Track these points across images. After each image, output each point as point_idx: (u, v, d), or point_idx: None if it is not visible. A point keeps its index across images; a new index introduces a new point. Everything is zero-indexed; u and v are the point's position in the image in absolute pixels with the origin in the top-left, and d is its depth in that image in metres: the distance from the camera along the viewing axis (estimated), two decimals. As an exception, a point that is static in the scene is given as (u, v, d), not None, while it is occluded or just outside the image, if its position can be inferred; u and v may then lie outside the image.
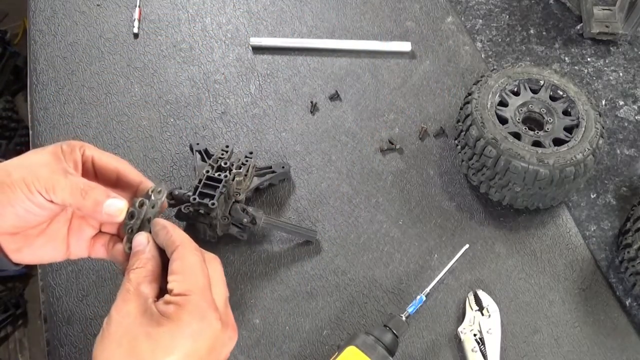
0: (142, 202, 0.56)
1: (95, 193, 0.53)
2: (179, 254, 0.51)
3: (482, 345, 0.71)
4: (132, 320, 0.47)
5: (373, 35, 1.02)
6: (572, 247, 0.81)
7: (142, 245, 0.53)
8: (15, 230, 0.53)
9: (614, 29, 1.00)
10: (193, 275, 0.50)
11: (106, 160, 0.58)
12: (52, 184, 0.51)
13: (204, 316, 0.48)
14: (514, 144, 0.76)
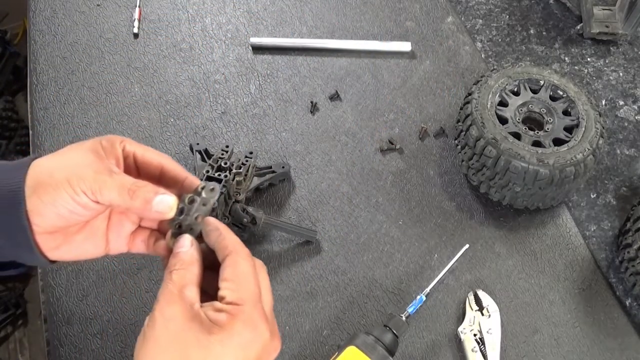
0: (192, 198, 0.54)
1: (144, 191, 0.50)
2: (231, 261, 0.49)
3: (482, 345, 0.72)
4: (180, 324, 0.45)
5: (373, 35, 1.02)
6: (572, 247, 0.81)
7: (185, 248, 0.51)
8: (55, 229, 0.51)
9: (614, 29, 1.00)
10: (246, 284, 0.48)
11: (149, 156, 0.55)
12: (98, 185, 0.49)
13: (255, 327, 0.46)
14: (514, 144, 0.76)
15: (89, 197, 0.49)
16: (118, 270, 0.77)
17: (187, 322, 0.45)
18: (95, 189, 0.49)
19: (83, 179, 0.49)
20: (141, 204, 0.50)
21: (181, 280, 0.48)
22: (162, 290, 0.47)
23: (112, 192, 0.50)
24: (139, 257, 0.78)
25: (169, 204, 0.51)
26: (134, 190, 0.50)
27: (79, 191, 0.49)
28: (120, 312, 0.74)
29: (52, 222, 0.50)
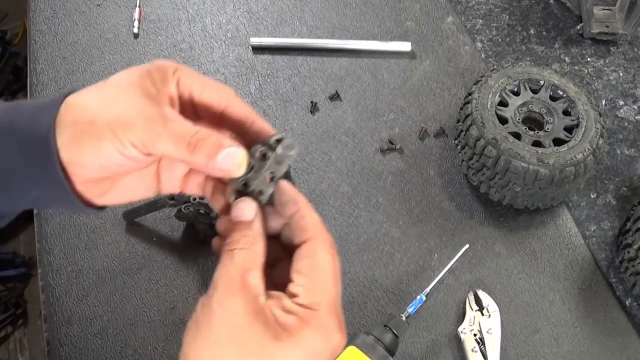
0: (264, 153, 0.43)
1: (207, 145, 0.41)
2: (310, 250, 0.41)
3: (482, 345, 0.71)
4: (241, 321, 0.38)
5: (373, 35, 1.02)
6: (572, 247, 0.81)
7: (247, 217, 0.42)
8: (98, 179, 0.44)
9: (614, 29, 1.00)
10: (324, 283, 0.40)
11: (208, 95, 0.45)
12: (150, 136, 0.40)
13: (329, 337, 0.39)
14: (514, 144, 0.76)
15: (139, 149, 0.41)
16: (118, 270, 0.77)
17: (250, 320, 0.38)
18: (146, 141, 0.40)
19: (131, 129, 0.40)
20: (203, 159, 0.41)
21: (244, 263, 0.40)
22: (221, 274, 0.40)
23: (168, 144, 0.41)
24: (139, 257, 0.78)
25: (238, 161, 0.41)
26: (195, 143, 0.41)
27: (127, 144, 0.40)
28: (120, 312, 0.74)
29: (94, 173, 0.42)
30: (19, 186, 0.42)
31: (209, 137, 0.41)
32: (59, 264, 0.77)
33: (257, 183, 0.43)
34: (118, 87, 0.42)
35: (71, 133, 0.40)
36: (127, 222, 0.80)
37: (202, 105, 0.45)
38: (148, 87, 0.42)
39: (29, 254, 1.87)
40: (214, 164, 0.41)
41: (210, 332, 0.38)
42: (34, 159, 0.41)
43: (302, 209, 0.43)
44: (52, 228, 0.79)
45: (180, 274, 0.77)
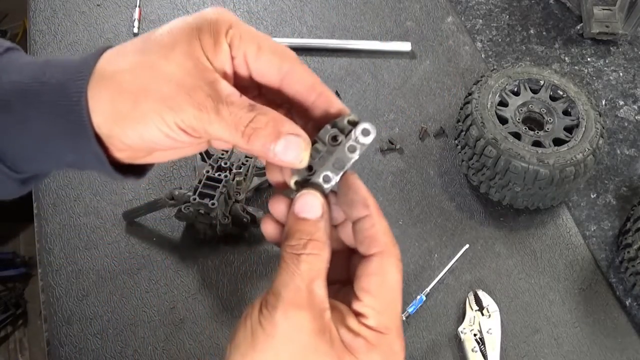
0: (334, 135, 0.38)
1: (264, 135, 0.36)
2: (381, 267, 0.37)
3: (482, 345, 0.71)
4: (307, 339, 0.34)
5: (373, 35, 1.02)
6: (572, 247, 0.81)
7: (315, 215, 0.37)
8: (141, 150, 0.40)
9: (614, 29, 1.00)
10: (393, 305, 0.37)
11: (266, 61, 0.38)
12: (201, 124, 0.36)
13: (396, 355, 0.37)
14: (514, 144, 0.76)
15: (188, 134, 0.37)
16: (118, 270, 0.77)
17: (315, 339, 0.35)
18: (197, 128, 0.36)
19: (180, 113, 0.36)
20: (260, 150, 0.36)
21: (311, 272, 0.36)
22: (285, 281, 0.36)
23: (221, 132, 0.36)
24: (139, 257, 0.78)
25: (298, 154, 0.36)
26: (250, 134, 0.36)
27: (176, 129, 0.36)
28: (120, 312, 0.74)
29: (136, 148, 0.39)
30: (54, 150, 0.40)
31: (266, 126, 0.36)
32: (59, 264, 0.77)
33: (323, 169, 0.38)
34: (163, 53, 0.36)
35: (110, 112, 0.36)
36: (127, 222, 0.80)
37: (258, 70, 0.39)
38: (198, 54, 0.37)
39: (29, 254, 1.87)
40: (274, 155, 0.36)
41: (271, 347, 0.34)
42: (67, 129, 0.38)
43: (373, 215, 0.37)
44: (52, 228, 0.79)
45: (180, 274, 0.77)
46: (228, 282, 0.77)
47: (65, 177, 0.83)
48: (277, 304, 0.35)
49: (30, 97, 0.38)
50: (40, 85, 0.38)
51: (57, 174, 0.83)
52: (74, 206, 0.81)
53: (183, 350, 0.72)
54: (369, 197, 0.38)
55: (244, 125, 0.36)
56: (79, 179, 0.83)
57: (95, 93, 0.37)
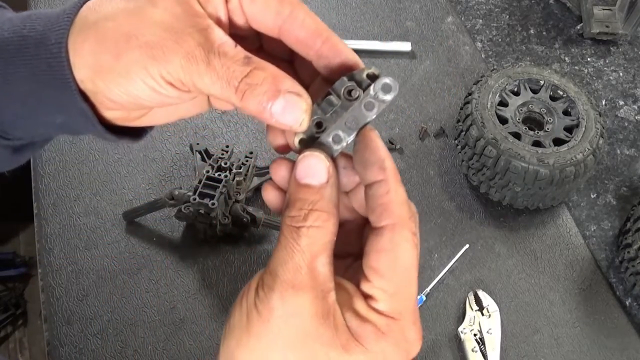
0: (351, 89, 0.33)
1: (259, 92, 0.32)
2: (394, 243, 0.31)
3: (482, 345, 0.71)
4: (307, 324, 0.30)
5: (373, 35, 1.02)
6: (572, 247, 0.81)
7: (318, 181, 0.32)
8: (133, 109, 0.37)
9: (614, 29, 1.00)
10: (407, 287, 0.32)
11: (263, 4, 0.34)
12: (189, 76, 0.32)
13: (409, 350, 0.32)
14: (514, 144, 0.76)
15: (177, 88, 0.33)
16: (118, 270, 0.77)
17: (317, 324, 0.31)
18: (186, 81, 0.32)
19: (166, 65, 0.32)
20: (255, 109, 0.32)
21: (313, 247, 0.31)
22: (283, 259, 0.31)
23: (212, 86, 0.32)
24: (139, 257, 0.78)
25: (298, 116, 0.32)
26: (245, 89, 0.32)
27: (162, 82, 0.32)
28: (120, 312, 0.74)
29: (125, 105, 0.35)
30: (42, 112, 0.37)
31: (264, 82, 0.32)
32: (59, 264, 0.77)
33: (334, 127, 0.33)
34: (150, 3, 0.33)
35: (93, 65, 0.33)
36: (127, 222, 0.80)
37: (255, 18, 0.35)
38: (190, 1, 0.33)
39: (29, 254, 1.87)
40: (270, 116, 0.32)
41: (267, 332, 0.31)
42: (51, 85, 0.34)
43: (389, 179, 0.32)
44: (52, 228, 0.79)
45: (180, 274, 0.77)
46: (228, 282, 0.77)
47: (65, 177, 0.83)
48: (273, 285, 0.31)
49: (11, 52, 0.35)
50: (20, 39, 0.35)
51: (57, 174, 0.83)
52: (74, 206, 0.81)
53: (183, 350, 0.72)
54: (387, 158, 0.33)
55: (237, 79, 0.32)
56: (79, 179, 0.83)
57: (76, 44, 0.33)
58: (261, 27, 0.35)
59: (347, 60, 0.35)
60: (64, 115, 0.36)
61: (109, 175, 0.84)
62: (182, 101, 0.35)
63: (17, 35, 0.35)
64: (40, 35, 0.34)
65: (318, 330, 0.30)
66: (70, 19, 0.34)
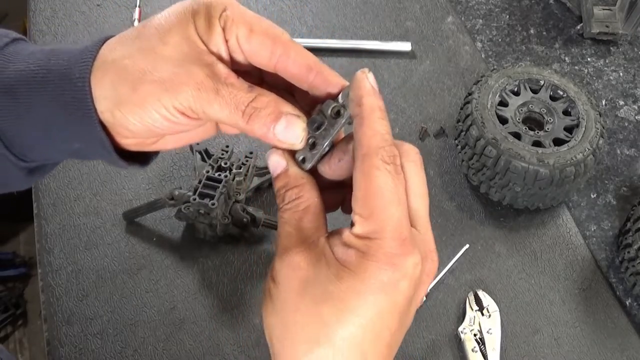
0: (337, 110, 0.38)
1: (263, 115, 0.37)
2: (363, 171, 0.35)
3: (482, 345, 0.71)
4: (305, 273, 0.35)
5: (373, 35, 1.02)
6: (572, 247, 0.81)
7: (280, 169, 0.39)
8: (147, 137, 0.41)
9: (614, 29, 1.00)
10: (383, 209, 0.34)
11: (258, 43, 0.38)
12: (200, 104, 0.36)
13: (396, 265, 0.34)
14: (514, 144, 0.76)
15: (187, 116, 0.37)
16: (118, 270, 0.77)
17: (312, 269, 0.35)
18: (196, 109, 0.37)
19: (178, 94, 0.36)
20: (260, 130, 0.37)
21: (295, 215, 0.37)
22: (279, 233, 0.38)
23: (220, 113, 0.37)
24: (139, 257, 0.78)
25: (299, 135, 0.37)
26: (250, 113, 0.37)
27: (174, 111, 0.37)
28: (120, 312, 0.74)
29: (140, 135, 0.39)
30: (59, 137, 0.41)
31: (267, 105, 0.37)
32: (59, 264, 0.77)
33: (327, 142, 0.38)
34: (160, 37, 0.37)
35: (112, 98, 0.37)
36: (127, 222, 0.80)
37: (252, 55, 0.39)
38: (193, 37, 0.37)
39: (29, 254, 1.87)
40: (273, 136, 0.37)
41: (280, 297, 0.35)
42: (72, 116, 0.38)
43: (363, 114, 0.36)
44: (52, 228, 0.79)
45: (180, 274, 0.77)
46: (228, 282, 0.77)
47: (65, 177, 0.83)
48: (276, 254, 0.36)
49: (36, 84, 0.39)
50: (45, 73, 0.39)
51: (57, 174, 0.83)
52: (74, 206, 0.81)
53: (183, 350, 0.72)
54: (366, 95, 0.37)
55: (244, 104, 0.36)
56: (79, 179, 0.83)
57: (97, 79, 0.37)
58: (259, 63, 0.39)
59: (336, 86, 0.40)
60: (81, 143, 0.40)
61: (109, 175, 0.84)
62: (192, 128, 0.40)
63: (43, 68, 0.39)
64: (64, 69, 0.38)
65: (315, 271, 0.35)
66: (93, 55, 0.38)
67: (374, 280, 0.34)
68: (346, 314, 0.33)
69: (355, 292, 0.33)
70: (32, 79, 0.39)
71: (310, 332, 0.34)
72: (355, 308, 0.33)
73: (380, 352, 0.35)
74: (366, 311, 0.34)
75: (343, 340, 0.33)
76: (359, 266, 0.34)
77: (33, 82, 0.39)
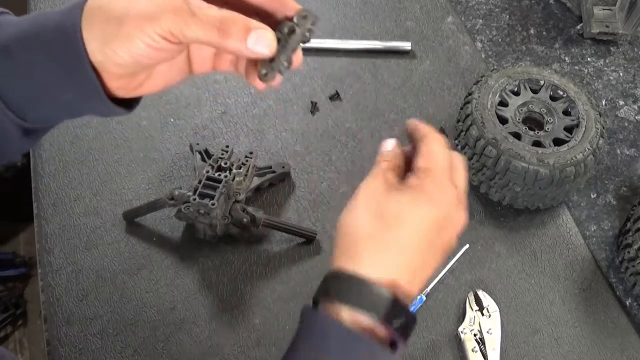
0: (292, 28, 0.46)
1: (236, 30, 0.43)
2: (425, 142, 0.53)
3: (482, 345, 0.72)
4: (378, 190, 0.49)
5: (373, 35, 1.02)
6: (572, 247, 0.81)
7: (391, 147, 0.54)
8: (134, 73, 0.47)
9: (614, 29, 1.00)
10: (435, 155, 0.51)
11: None
12: (178, 26, 0.42)
13: (443, 189, 0.49)
14: (514, 144, 0.76)
15: (168, 40, 0.43)
16: (118, 270, 0.77)
17: (384, 187, 0.49)
18: (175, 31, 0.42)
19: (159, 21, 0.42)
20: (234, 43, 0.43)
21: (387, 166, 0.52)
22: (371, 171, 0.52)
23: (197, 32, 0.43)
24: (139, 257, 0.78)
25: (267, 42, 0.44)
26: (224, 29, 0.43)
27: (157, 37, 0.42)
28: (120, 312, 0.74)
29: (129, 68, 0.45)
30: (52, 91, 0.45)
31: (236, 21, 0.43)
32: (59, 264, 0.77)
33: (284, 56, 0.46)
34: None
35: (101, 37, 0.43)
36: (127, 222, 0.80)
37: None
38: None
39: (29, 254, 1.87)
40: (245, 46, 0.43)
41: (357, 204, 0.50)
42: (64, 63, 0.43)
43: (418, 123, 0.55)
44: (52, 228, 0.79)
45: (180, 274, 0.77)
46: (228, 282, 0.77)
47: (65, 177, 0.83)
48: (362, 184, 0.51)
49: (30, 40, 0.44)
50: (37, 29, 0.44)
51: (57, 174, 0.83)
52: (74, 206, 0.81)
53: (183, 350, 0.72)
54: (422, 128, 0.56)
55: (218, 22, 0.43)
56: (79, 179, 0.83)
57: (87, 25, 0.43)
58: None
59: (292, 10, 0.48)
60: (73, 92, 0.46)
61: (109, 175, 0.84)
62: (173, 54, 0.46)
63: (35, 26, 0.44)
64: (57, 23, 0.43)
65: (385, 190, 0.49)
66: (81, 6, 0.43)
67: (426, 194, 0.48)
68: (403, 213, 0.47)
69: (412, 198, 0.48)
70: (25, 36, 0.44)
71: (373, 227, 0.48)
72: (410, 209, 0.47)
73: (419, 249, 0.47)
74: (417, 212, 0.47)
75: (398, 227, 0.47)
76: (418, 184, 0.48)
77: (27, 38, 0.44)
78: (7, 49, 0.44)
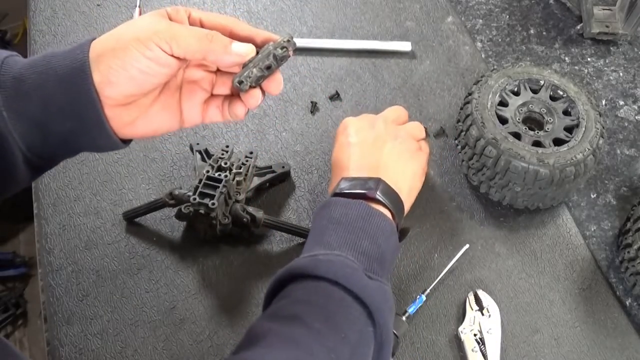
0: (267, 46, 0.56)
1: (220, 39, 0.52)
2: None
3: (482, 345, 0.72)
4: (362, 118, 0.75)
5: (373, 35, 1.02)
6: (572, 247, 0.81)
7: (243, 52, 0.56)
8: (128, 99, 0.51)
9: (614, 29, 1.00)
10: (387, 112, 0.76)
11: (215, 20, 0.55)
12: (172, 34, 0.49)
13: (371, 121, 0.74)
14: (514, 144, 0.76)
15: (163, 49, 0.49)
16: (118, 270, 0.77)
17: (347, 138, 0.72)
18: (169, 39, 0.48)
19: (155, 32, 0.48)
20: (221, 47, 0.51)
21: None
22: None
23: (189, 39, 0.50)
24: (139, 257, 0.78)
25: (246, 48, 0.53)
26: (212, 35, 0.51)
27: (152, 45, 0.48)
28: (120, 312, 0.74)
29: (124, 88, 0.49)
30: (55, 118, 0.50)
31: (220, 35, 0.52)
32: (59, 264, 0.77)
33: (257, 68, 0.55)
34: (137, 19, 0.51)
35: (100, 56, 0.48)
36: (127, 222, 0.80)
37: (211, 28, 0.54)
38: (164, 15, 0.52)
39: (29, 254, 1.87)
40: (230, 49, 0.52)
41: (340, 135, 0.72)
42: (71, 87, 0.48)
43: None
44: (52, 228, 0.79)
45: (180, 274, 0.77)
46: (228, 282, 0.77)
47: (65, 177, 0.83)
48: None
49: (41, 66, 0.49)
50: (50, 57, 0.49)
51: (57, 174, 0.83)
52: (74, 206, 0.81)
53: (183, 350, 0.72)
54: None
55: (205, 33, 0.51)
56: (79, 179, 0.83)
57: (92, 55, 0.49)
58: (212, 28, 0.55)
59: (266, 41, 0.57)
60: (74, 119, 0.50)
61: (109, 175, 0.84)
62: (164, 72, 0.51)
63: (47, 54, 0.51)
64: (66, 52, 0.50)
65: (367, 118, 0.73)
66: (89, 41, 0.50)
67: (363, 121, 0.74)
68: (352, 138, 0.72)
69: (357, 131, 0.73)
70: (35, 63, 0.49)
71: None
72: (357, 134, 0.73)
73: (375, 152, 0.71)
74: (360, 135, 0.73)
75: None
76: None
77: (38, 66, 0.49)
78: (21, 78, 0.49)
